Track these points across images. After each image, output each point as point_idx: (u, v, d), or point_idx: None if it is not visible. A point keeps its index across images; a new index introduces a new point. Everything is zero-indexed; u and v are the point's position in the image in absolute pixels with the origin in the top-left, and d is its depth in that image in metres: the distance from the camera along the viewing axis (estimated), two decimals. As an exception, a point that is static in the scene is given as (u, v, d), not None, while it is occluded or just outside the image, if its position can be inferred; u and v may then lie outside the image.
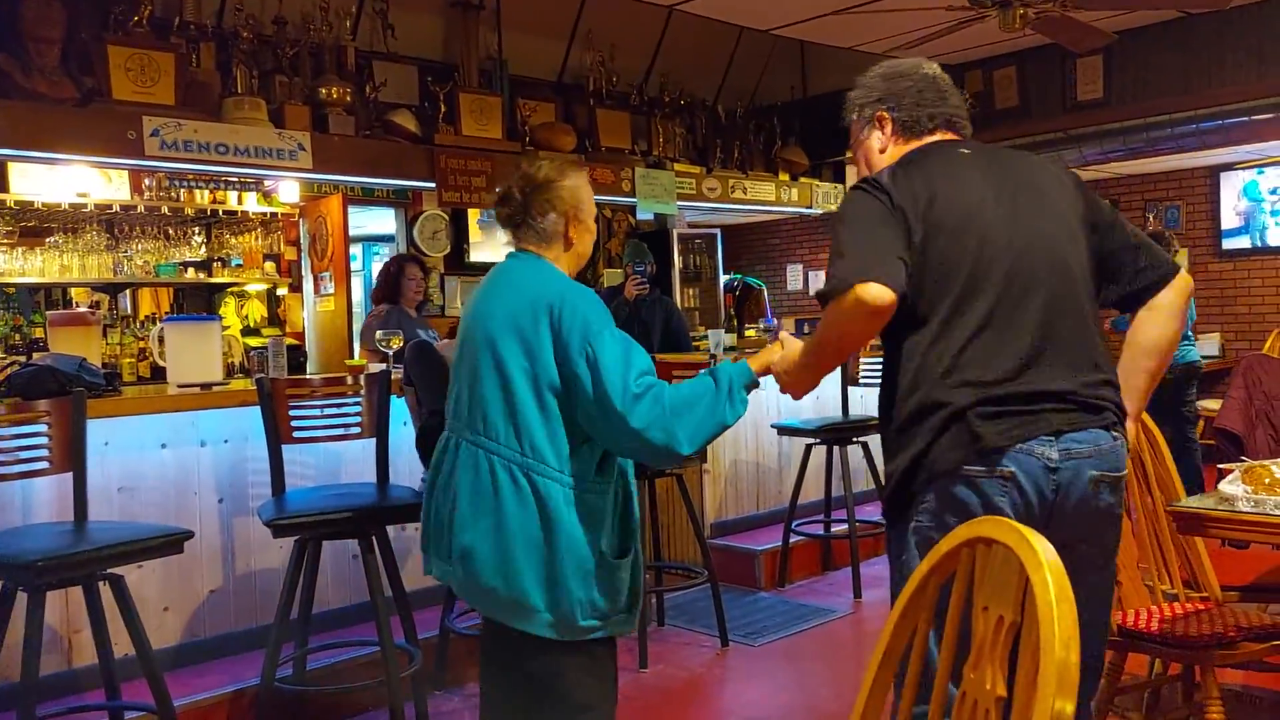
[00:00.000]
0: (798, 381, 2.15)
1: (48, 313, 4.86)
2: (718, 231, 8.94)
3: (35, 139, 3.60)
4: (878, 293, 1.77)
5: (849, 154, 2.28)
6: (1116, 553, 1.99)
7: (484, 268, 7.28)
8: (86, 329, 3.78)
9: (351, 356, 6.70)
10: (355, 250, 6.82)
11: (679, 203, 5.83)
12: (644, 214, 5.75)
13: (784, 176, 6.78)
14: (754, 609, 4.56)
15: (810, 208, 6.99)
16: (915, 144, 2.04)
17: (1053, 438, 1.82)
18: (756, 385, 2.29)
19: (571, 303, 2.18)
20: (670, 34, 6.15)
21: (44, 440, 2.91)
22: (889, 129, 2.07)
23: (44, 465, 2.92)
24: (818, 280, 8.77)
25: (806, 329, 8.72)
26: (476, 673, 3.46)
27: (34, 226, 5.73)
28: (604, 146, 5.52)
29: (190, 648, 3.53)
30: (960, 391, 1.81)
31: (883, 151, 2.08)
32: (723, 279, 8.37)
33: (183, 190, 5.56)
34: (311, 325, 6.85)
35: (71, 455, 2.94)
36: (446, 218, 6.51)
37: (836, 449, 4.82)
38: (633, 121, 5.84)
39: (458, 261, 7.11)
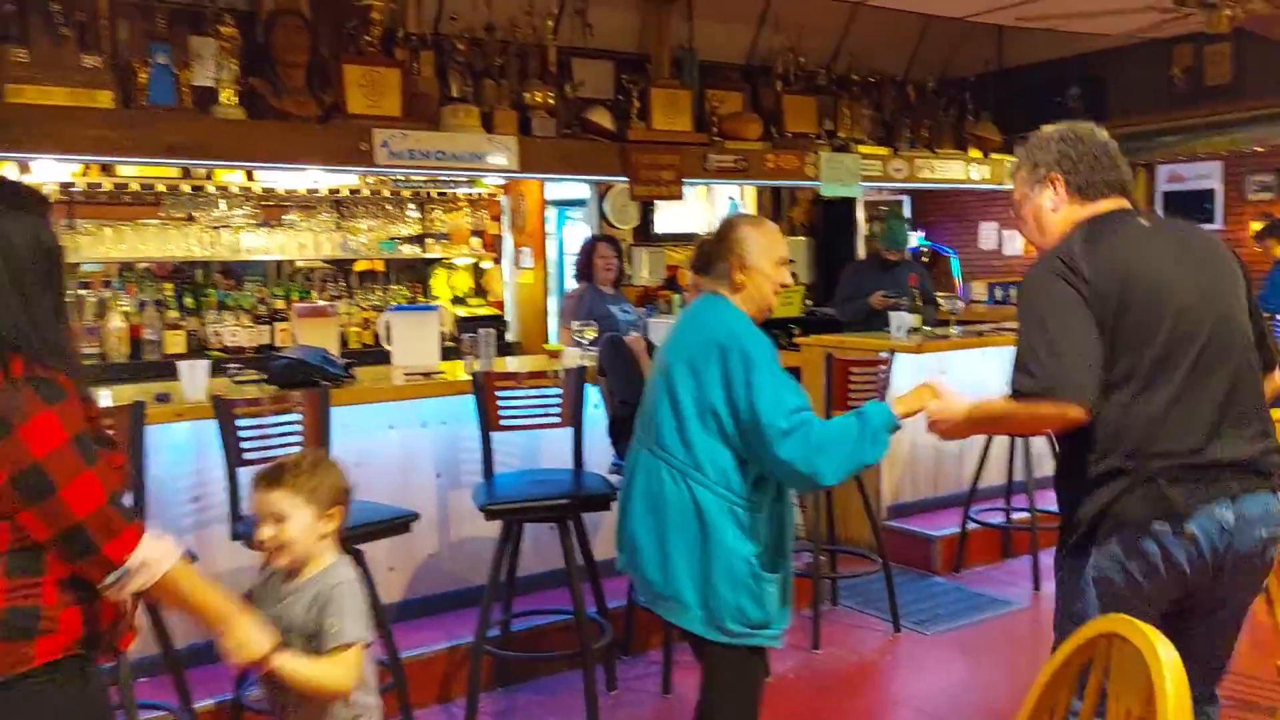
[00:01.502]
0: (957, 433, 2.32)
1: (294, 305, 5.47)
2: (906, 199, 8.84)
3: (285, 153, 4.12)
4: (1077, 414, 1.98)
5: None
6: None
7: (670, 239, 7.59)
8: (326, 321, 4.30)
9: (547, 326, 7.17)
10: (549, 213, 7.23)
11: (865, 183, 5.89)
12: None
13: (975, 153, 6.67)
14: (928, 594, 4.64)
15: (1002, 184, 6.85)
16: (1090, 208, 2.15)
17: (1230, 501, 1.99)
18: (898, 429, 2.48)
19: (738, 342, 2.46)
20: (859, 13, 6.15)
21: (299, 426, 3.41)
22: (1061, 190, 2.18)
23: (297, 449, 3.42)
24: (1012, 241, 8.50)
25: (999, 294, 8.51)
26: (659, 641, 3.82)
27: (274, 208, 6.42)
28: (789, 132, 5.63)
29: (412, 604, 4.03)
30: (1155, 460, 1.99)
31: (1055, 210, 2.19)
32: (910, 245, 8.29)
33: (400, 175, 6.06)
34: (512, 296, 7.34)
35: (320, 439, 3.43)
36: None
37: (1019, 437, 4.81)
38: (819, 103, 5.91)
39: (645, 233, 7.42)
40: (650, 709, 3.67)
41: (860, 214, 8.12)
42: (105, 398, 3.35)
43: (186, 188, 6.01)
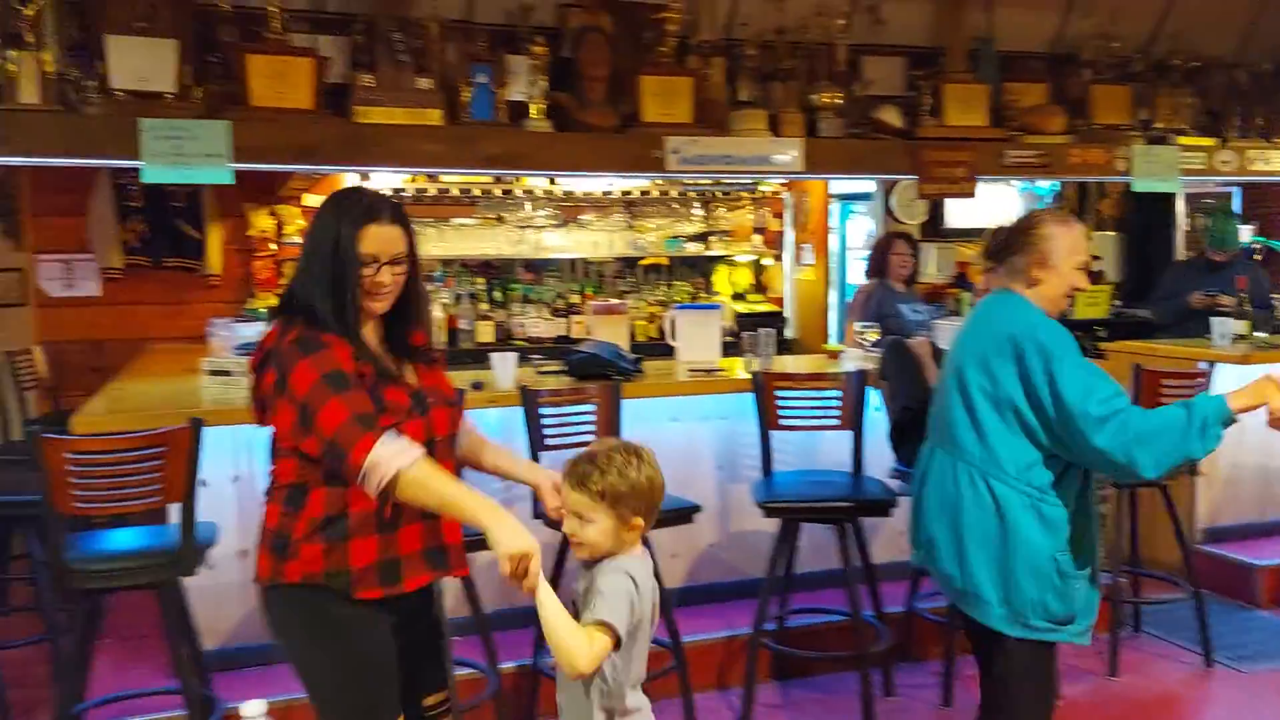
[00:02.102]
0: None
1: (590, 302, 5.84)
2: (1235, 191, 7.99)
3: (586, 162, 4.43)
4: None
5: None
6: None
7: (961, 234, 7.31)
8: (619, 318, 4.57)
9: (827, 324, 7.15)
10: (832, 207, 7.19)
11: (1184, 177, 5.40)
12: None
13: (1320, 140, 5.91)
14: (1246, 628, 4.26)
15: (1353, 175, 6.04)
16: None
17: None
18: (1234, 422, 2.31)
19: (1033, 336, 2.43)
20: (1183, -10, 5.65)
21: (592, 417, 3.66)
22: None
23: (591, 438, 3.65)
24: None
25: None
26: (940, 651, 3.76)
27: (572, 209, 6.86)
28: (1097, 124, 5.27)
29: (693, 590, 4.20)
30: None
31: None
32: (1242, 241, 7.49)
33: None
34: (792, 292, 7.38)
35: (612, 430, 3.66)
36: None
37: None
38: (1133, 91, 5.48)
39: (934, 228, 7.20)
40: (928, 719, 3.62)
41: (1180, 208, 7.44)
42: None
43: (498, 191, 6.58)
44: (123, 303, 5.97)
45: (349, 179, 6.18)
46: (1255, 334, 4.91)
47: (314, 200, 6.17)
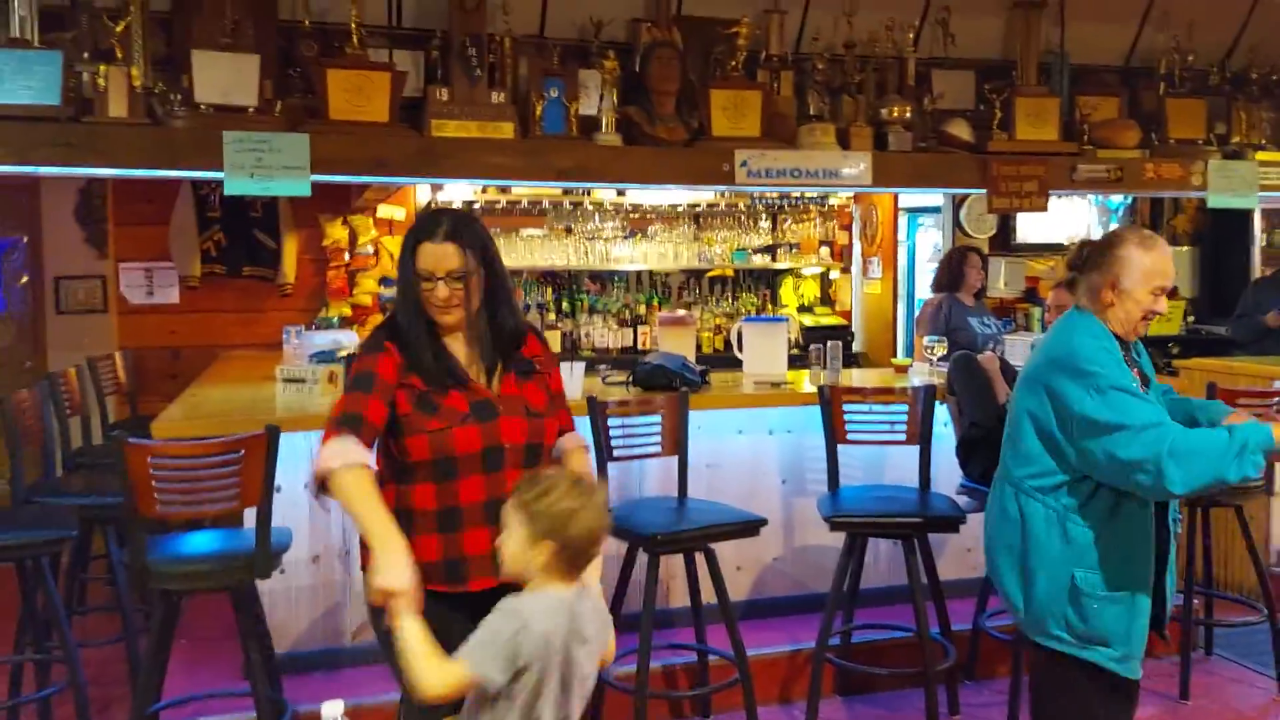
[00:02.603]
0: None
1: (658, 313, 5.88)
2: (1316, 205, 7.77)
3: (655, 175, 4.46)
4: None
5: None
6: None
7: (1032, 249, 7.21)
8: (686, 329, 4.60)
9: (895, 337, 7.10)
10: (900, 220, 7.15)
11: (1262, 193, 5.28)
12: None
13: None
14: (1323, 654, 4.14)
15: None
16: None
17: None
18: (1278, 454, 2.29)
19: (1073, 358, 2.45)
20: (1262, 2, 5.52)
21: (657, 428, 3.69)
22: None
23: (656, 449, 3.69)
24: None
25: None
26: (1007, 670, 3.71)
27: (639, 221, 6.91)
28: (1172, 139, 5.18)
29: (758, 604, 4.20)
30: None
31: None
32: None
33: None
34: (859, 306, 7.35)
35: (678, 441, 3.69)
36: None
37: None
38: (1210, 105, 5.37)
39: (1004, 242, 7.12)
40: (992, 738, 3.58)
41: (1258, 224, 7.26)
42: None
43: (567, 204, 6.65)
44: (200, 310, 6.15)
45: (422, 190, 6.33)
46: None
47: (387, 211, 6.30)
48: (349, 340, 5.01)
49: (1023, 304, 6.88)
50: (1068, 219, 7.35)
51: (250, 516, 3.09)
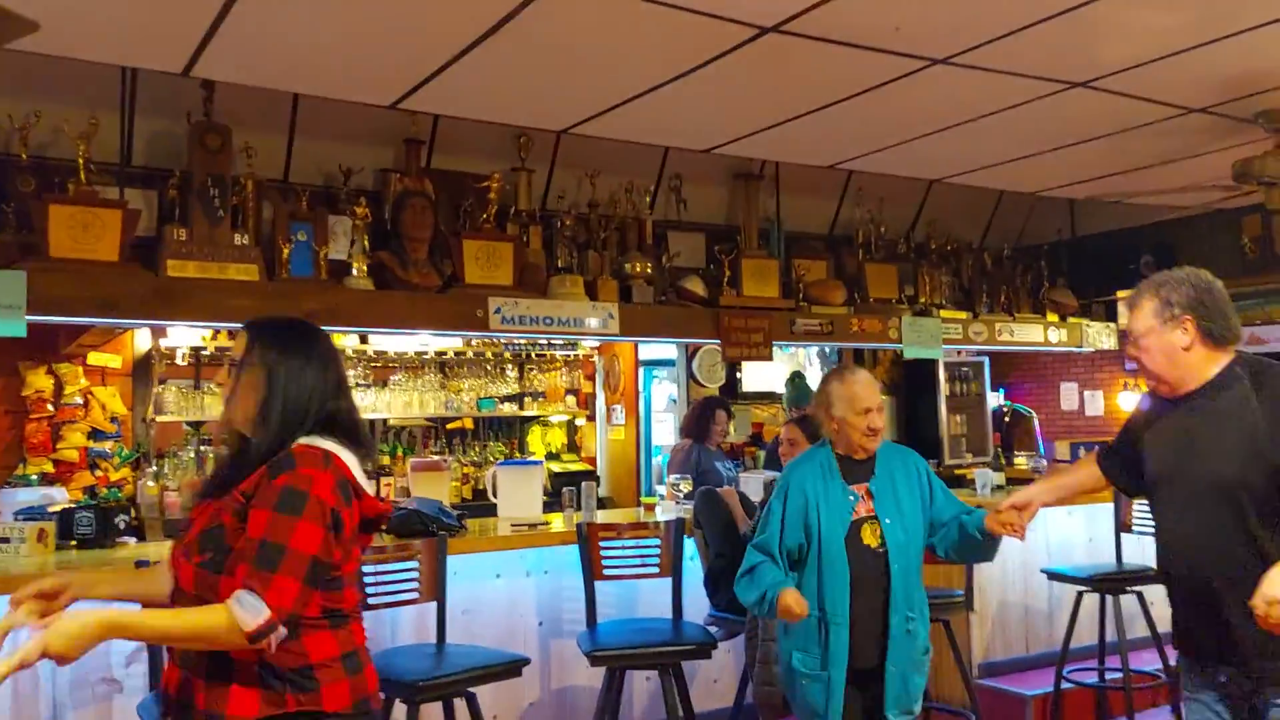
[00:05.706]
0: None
1: (409, 460, 5.80)
2: (985, 360, 8.97)
3: (409, 320, 4.51)
4: None
5: (1121, 295, 2.58)
6: None
7: (756, 397, 7.81)
8: (440, 475, 4.58)
9: (639, 481, 7.36)
10: (638, 370, 7.53)
11: (946, 345, 6.09)
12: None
13: (1052, 317, 6.84)
14: (1026, 757, 4.58)
15: (1080, 347, 6.98)
16: (1221, 354, 2.34)
17: None
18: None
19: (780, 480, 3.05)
20: (936, 186, 6.51)
21: (415, 574, 3.62)
22: (1193, 332, 2.33)
23: (414, 595, 3.61)
24: (1094, 401, 8.52)
25: (1082, 452, 8.46)
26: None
27: (383, 369, 6.85)
28: (872, 298, 5.91)
29: (514, 753, 4.10)
30: None
31: (1187, 350, 2.34)
32: (990, 404, 8.37)
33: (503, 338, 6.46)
34: (604, 451, 7.59)
35: (436, 587, 3.63)
36: (722, 352, 7.07)
37: (1109, 597, 4.78)
38: (900, 270, 6.20)
39: (732, 391, 7.66)
40: None
41: (941, 374, 8.26)
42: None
43: (306, 350, 6.47)
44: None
45: (142, 336, 5.94)
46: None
47: (100, 359, 5.84)
48: (60, 496, 4.59)
49: (750, 447, 7.38)
50: (783, 371, 8.06)
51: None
